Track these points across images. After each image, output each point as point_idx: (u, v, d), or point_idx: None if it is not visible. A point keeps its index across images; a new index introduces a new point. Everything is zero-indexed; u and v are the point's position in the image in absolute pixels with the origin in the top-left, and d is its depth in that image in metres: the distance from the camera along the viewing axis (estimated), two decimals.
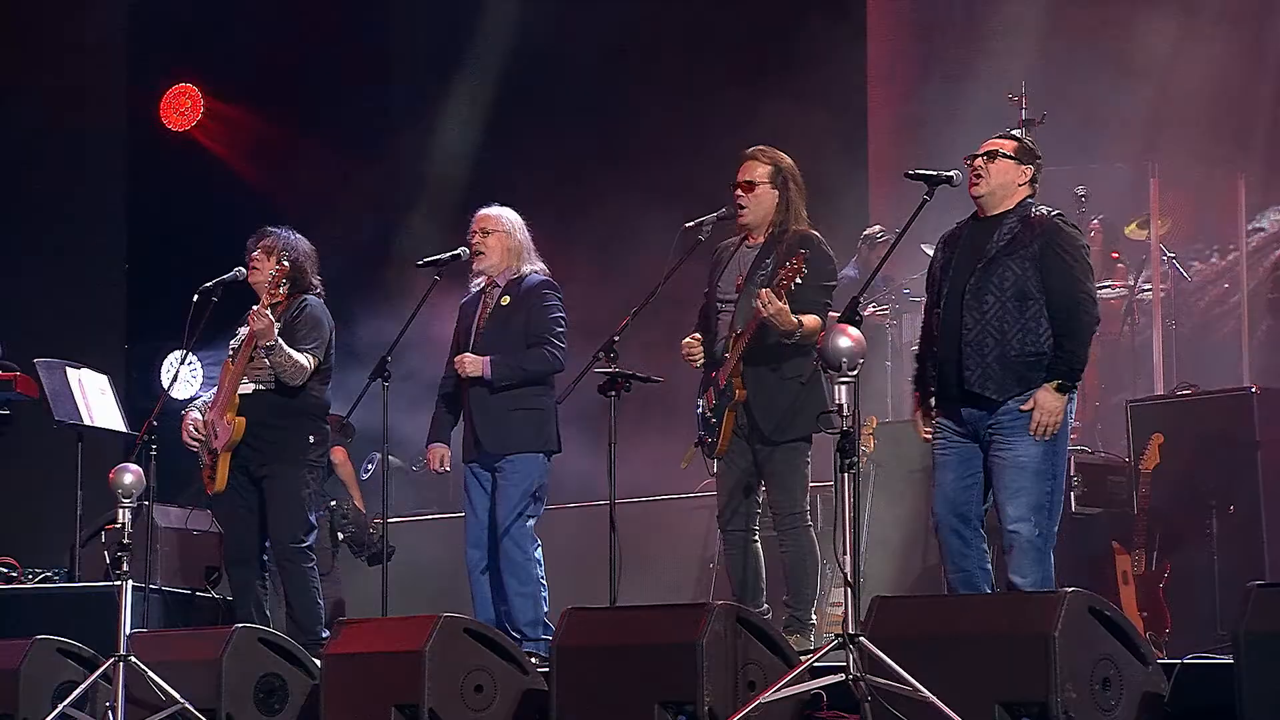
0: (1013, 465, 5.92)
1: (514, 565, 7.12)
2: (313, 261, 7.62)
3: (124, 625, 6.62)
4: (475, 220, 7.40)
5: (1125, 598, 7.67)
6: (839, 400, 5.32)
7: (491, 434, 7.18)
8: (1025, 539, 5.90)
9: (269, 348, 7.28)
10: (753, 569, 6.64)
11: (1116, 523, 7.96)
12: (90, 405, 8.94)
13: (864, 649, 5.20)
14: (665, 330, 7.42)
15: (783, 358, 6.53)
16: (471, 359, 7.21)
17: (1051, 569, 5.95)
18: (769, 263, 6.61)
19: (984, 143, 6.15)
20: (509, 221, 7.38)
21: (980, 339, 5.96)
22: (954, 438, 6.06)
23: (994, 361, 5.94)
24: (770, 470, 6.58)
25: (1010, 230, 6.01)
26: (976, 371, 5.95)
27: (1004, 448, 5.94)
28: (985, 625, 5.32)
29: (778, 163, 6.69)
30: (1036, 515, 5.90)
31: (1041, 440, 5.89)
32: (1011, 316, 5.94)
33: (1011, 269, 5.96)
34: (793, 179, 6.69)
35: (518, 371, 7.19)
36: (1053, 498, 5.94)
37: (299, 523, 7.41)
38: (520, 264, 7.34)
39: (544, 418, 7.23)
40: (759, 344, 6.52)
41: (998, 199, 6.08)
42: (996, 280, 5.97)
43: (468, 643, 6.14)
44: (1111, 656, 5.21)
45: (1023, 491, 5.91)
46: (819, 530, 6.79)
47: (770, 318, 6.38)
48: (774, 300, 6.34)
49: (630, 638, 5.84)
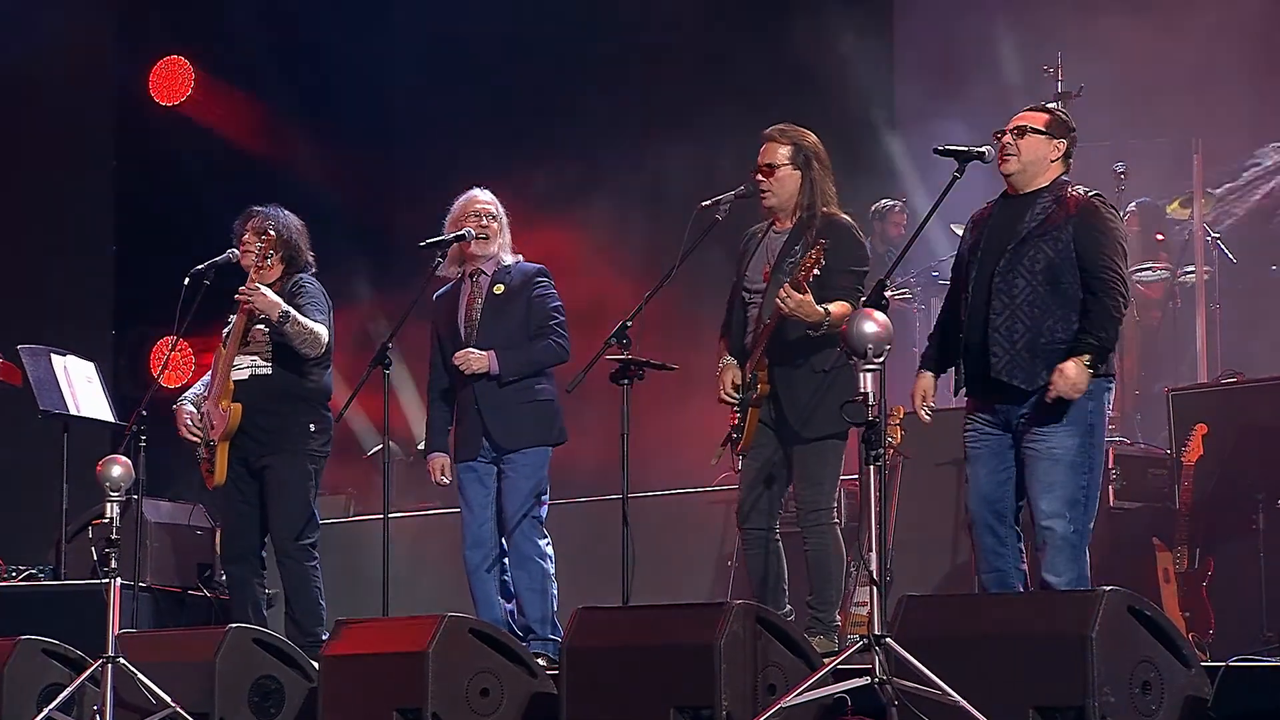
0: (1046, 457, 5.91)
1: (524, 560, 7.14)
2: (304, 237, 7.62)
3: (112, 625, 6.65)
4: (471, 201, 7.36)
5: (1166, 597, 7.66)
6: (864, 388, 5.31)
7: (503, 429, 7.18)
8: (1060, 535, 5.89)
9: (283, 318, 7.26)
10: (774, 569, 6.62)
11: (1157, 518, 7.95)
12: (76, 394, 8.96)
13: (890, 651, 5.20)
14: (681, 314, 7.42)
15: (811, 349, 6.51)
16: (476, 355, 7.20)
17: (1087, 567, 5.94)
18: (797, 250, 6.58)
19: (1014, 117, 6.13)
20: (501, 208, 7.41)
21: (1010, 325, 5.94)
22: (986, 430, 6.05)
23: (1024, 349, 5.93)
24: (800, 465, 6.57)
25: (1044, 210, 5.99)
26: (1004, 359, 5.94)
27: (1037, 439, 5.92)
28: (1018, 626, 5.31)
29: (798, 142, 6.66)
30: (1071, 510, 5.89)
31: (1077, 432, 5.87)
32: (1043, 301, 5.92)
33: (1044, 250, 5.94)
34: (816, 157, 6.66)
35: (526, 365, 7.20)
36: (1088, 492, 5.93)
37: (301, 517, 7.42)
38: (504, 251, 7.37)
39: (552, 409, 7.26)
40: (783, 336, 6.51)
41: (1029, 176, 6.06)
42: (1028, 262, 5.95)
43: (473, 644, 6.15)
44: (1152, 659, 5.20)
45: (1057, 485, 5.89)
46: (843, 525, 6.78)
47: (793, 312, 6.37)
48: (793, 294, 6.33)
49: (644, 638, 5.84)
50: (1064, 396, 5.85)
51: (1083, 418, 5.91)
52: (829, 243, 6.39)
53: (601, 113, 11.18)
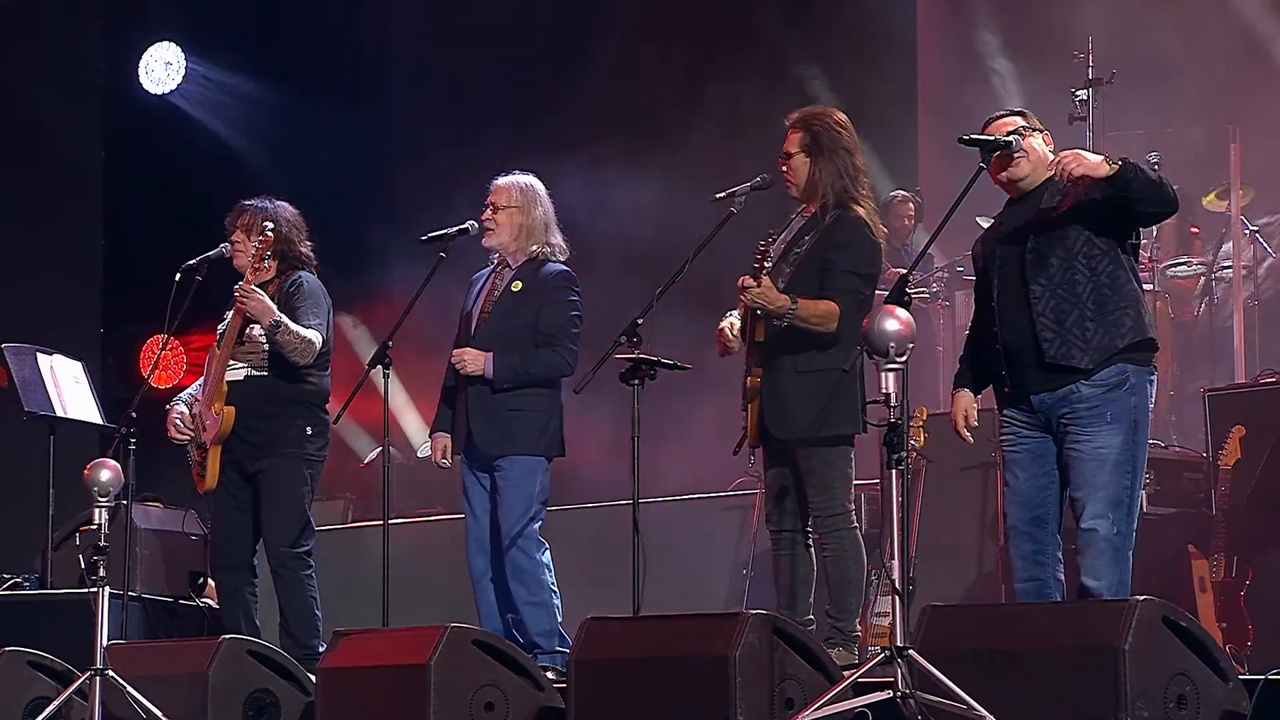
0: (1091, 457, 5.88)
1: (521, 573, 7.13)
2: (300, 231, 7.61)
3: (100, 636, 6.65)
4: (490, 191, 7.37)
5: (1202, 607, 7.65)
6: (886, 389, 5.31)
7: (488, 435, 7.16)
8: (1103, 537, 5.87)
9: (274, 326, 7.27)
10: (803, 576, 6.59)
11: (1193, 524, 7.94)
12: (63, 395, 8.97)
13: (914, 663, 5.20)
14: (696, 311, 7.41)
15: (799, 348, 6.50)
16: (472, 355, 7.18)
17: (1129, 573, 5.93)
18: (805, 240, 6.60)
19: (991, 126, 6.09)
20: (524, 195, 7.30)
21: (1056, 306, 5.90)
22: (1024, 432, 6.03)
23: (1073, 326, 5.89)
24: (806, 470, 6.57)
25: (1058, 190, 5.97)
26: (1055, 343, 5.90)
27: (1081, 439, 5.90)
28: (1047, 637, 5.31)
29: (810, 126, 6.67)
30: (1115, 512, 5.87)
31: (1121, 429, 5.86)
32: (1083, 274, 5.90)
33: (1072, 223, 5.92)
34: (829, 141, 6.65)
35: (523, 375, 7.15)
36: (1132, 493, 5.91)
37: (296, 524, 7.42)
38: (535, 244, 7.29)
39: (546, 420, 7.18)
40: (772, 332, 6.50)
41: (1036, 176, 6.07)
42: (1059, 239, 5.92)
43: (477, 656, 6.15)
44: (1188, 672, 5.19)
45: (1101, 486, 5.87)
46: (864, 532, 6.78)
47: (752, 302, 6.39)
48: (752, 285, 6.37)
49: (655, 650, 5.84)
50: (1063, 165, 5.78)
51: (1126, 413, 5.89)
52: (774, 236, 6.41)
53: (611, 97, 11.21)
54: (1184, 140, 9.94)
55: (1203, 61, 9.76)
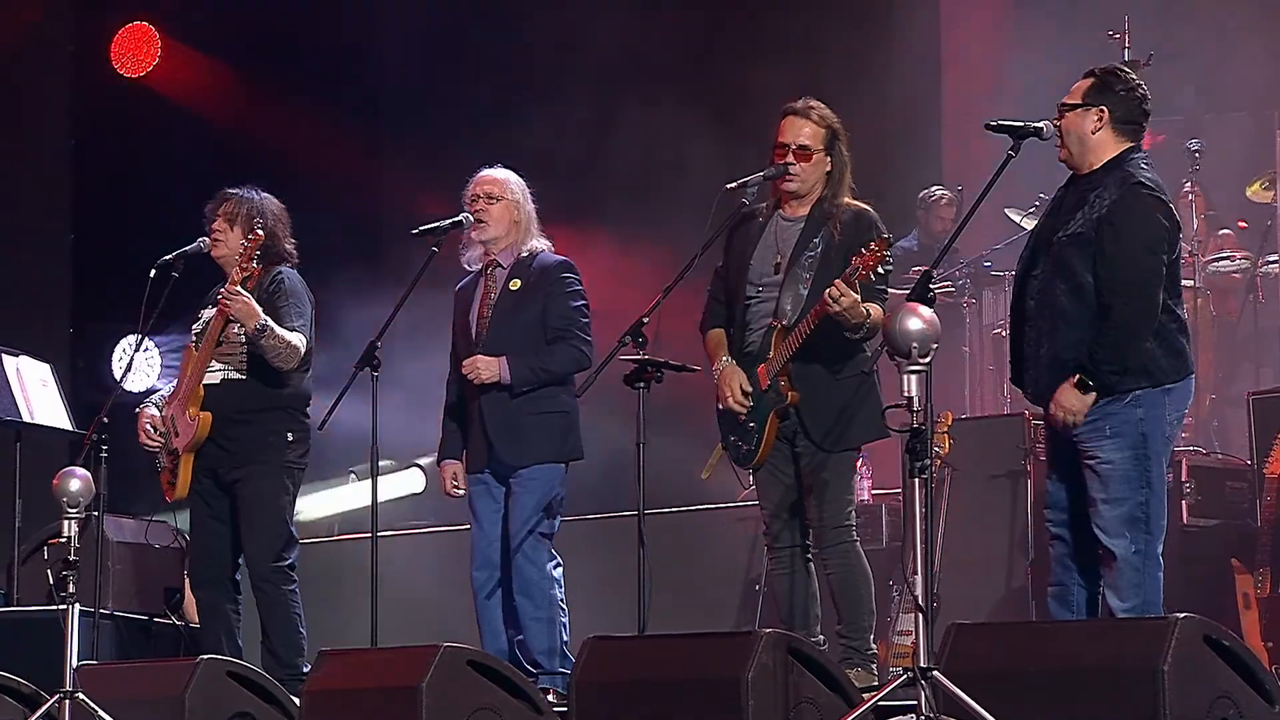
0: (1096, 473, 5.95)
1: (528, 585, 7.14)
2: (284, 224, 7.63)
3: (70, 656, 6.66)
4: (476, 182, 7.36)
5: (1247, 624, 7.67)
6: (908, 392, 5.31)
7: (508, 444, 7.17)
8: (1121, 558, 5.91)
9: (259, 330, 7.28)
10: (805, 592, 6.63)
11: (1236, 537, 7.95)
12: (30, 399, 8.99)
13: (939, 685, 5.20)
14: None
15: (840, 355, 6.52)
16: (485, 362, 7.18)
17: (1158, 592, 5.95)
18: (817, 243, 6.59)
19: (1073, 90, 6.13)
20: (516, 188, 7.35)
21: (1036, 341, 6.02)
22: (1057, 435, 6.11)
23: (1046, 366, 5.99)
24: (818, 480, 6.57)
25: (1100, 203, 5.96)
26: (1032, 374, 6.02)
27: (1088, 456, 5.98)
28: (1081, 657, 5.32)
29: (831, 124, 6.66)
30: (1132, 530, 5.91)
31: (1125, 444, 5.89)
32: (1069, 314, 5.95)
33: (1075, 256, 5.95)
34: (843, 141, 6.67)
35: (541, 373, 7.17)
36: (1148, 509, 5.94)
37: (278, 537, 7.44)
38: (526, 239, 7.32)
39: (567, 423, 7.23)
40: (813, 340, 6.50)
41: (1079, 159, 6.07)
42: (1064, 266, 5.97)
43: (472, 677, 6.16)
44: (1231, 694, 5.21)
45: (1111, 502, 5.93)
46: (885, 545, 6.79)
47: (842, 312, 6.37)
48: (848, 293, 6.33)
49: (662, 671, 5.85)
50: (1058, 421, 5.94)
51: (1130, 427, 5.92)
52: (890, 238, 6.41)
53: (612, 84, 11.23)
54: (1226, 126, 9.95)
55: (1247, 44, 9.76)
